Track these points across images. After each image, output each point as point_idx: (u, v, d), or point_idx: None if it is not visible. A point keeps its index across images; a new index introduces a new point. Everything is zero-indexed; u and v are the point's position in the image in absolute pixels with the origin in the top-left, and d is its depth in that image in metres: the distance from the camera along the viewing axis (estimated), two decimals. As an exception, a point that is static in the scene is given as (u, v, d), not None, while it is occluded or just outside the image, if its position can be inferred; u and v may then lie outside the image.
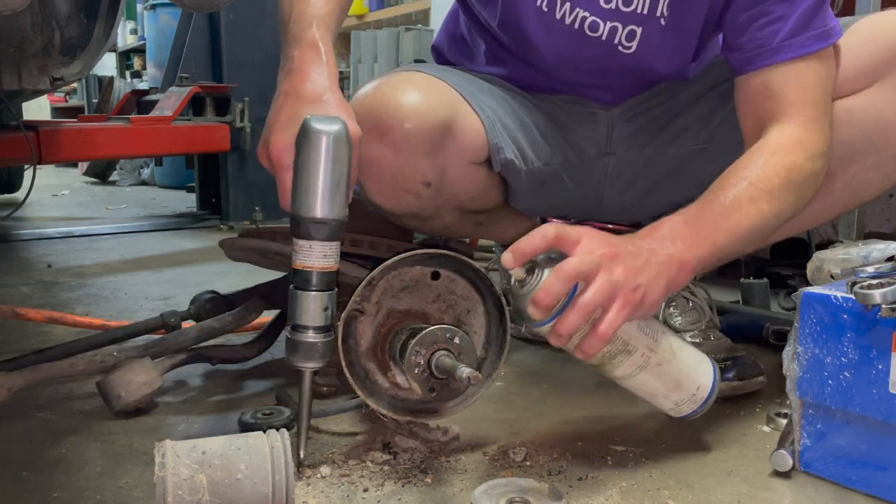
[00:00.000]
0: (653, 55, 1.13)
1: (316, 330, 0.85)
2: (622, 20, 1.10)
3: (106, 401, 1.07)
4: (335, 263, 0.86)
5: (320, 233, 0.83)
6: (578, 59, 1.14)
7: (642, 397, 0.95)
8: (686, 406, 0.94)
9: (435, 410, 0.96)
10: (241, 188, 3.21)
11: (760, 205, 0.94)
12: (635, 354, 0.90)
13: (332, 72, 0.94)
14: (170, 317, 1.36)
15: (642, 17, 1.09)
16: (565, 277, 0.82)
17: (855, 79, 1.07)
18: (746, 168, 0.97)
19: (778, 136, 1.01)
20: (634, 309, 0.84)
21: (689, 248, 0.89)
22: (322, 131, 0.82)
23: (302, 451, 0.88)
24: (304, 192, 0.83)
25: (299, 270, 0.85)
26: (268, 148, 0.90)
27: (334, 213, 0.84)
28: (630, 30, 1.10)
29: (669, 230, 0.91)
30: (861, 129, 1.07)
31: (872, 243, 1.15)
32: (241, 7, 3.06)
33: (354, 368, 0.93)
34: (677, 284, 0.89)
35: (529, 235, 0.84)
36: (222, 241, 1.27)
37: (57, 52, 1.69)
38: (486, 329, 0.98)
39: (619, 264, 0.84)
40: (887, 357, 0.82)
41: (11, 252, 2.60)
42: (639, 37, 1.10)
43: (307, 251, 0.84)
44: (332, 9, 1.00)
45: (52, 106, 7.89)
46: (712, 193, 0.96)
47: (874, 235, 1.99)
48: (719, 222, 0.92)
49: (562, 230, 0.84)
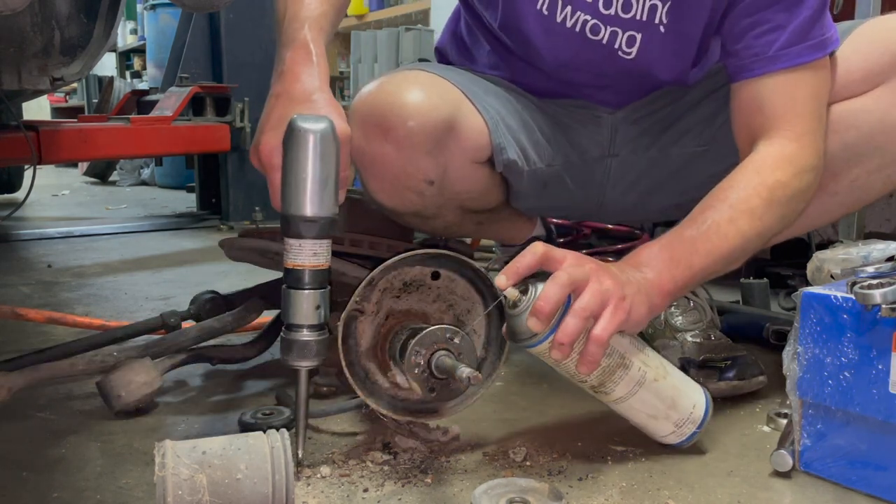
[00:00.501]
0: (653, 61, 1.13)
1: (310, 328, 0.86)
2: (622, 26, 1.10)
3: (106, 401, 1.07)
4: (326, 261, 0.86)
5: (310, 231, 0.84)
6: (579, 61, 1.14)
7: (643, 424, 0.95)
8: (687, 426, 0.94)
9: (435, 410, 0.96)
10: (241, 188, 3.21)
11: (740, 225, 0.96)
12: (632, 369, 0.90)
13: (323, 72, 0.95)
14: (170, 317, 1.36)
15: (641, 23, 1.09)
16: (561, 284, 0.83)
17: (860, 81, 1.07)
18: (728, 189, 0.99)
19: (765, 152, 1.01)
20: (625, 315, 0.86)
21: (665, 272, 0.92)
22: (308, 130, 0.83)
23: (300, 451, 0.88)
24: (293, 191, 0.83)
25: (291, 269, 0.85)
26: (258, 149, 0.91)
27: (323, 211, 0.84)
28: (630, 35, 1.10)
29: (647, 257, 0.94)
30: (865, 132, 1.07)
31: (872, 243, 1.15)
32: (241, 7, 3.07)
33: (354, 368, 0.93)
34: (657, 307, 0.92)
35: (519, 256, 0.86)
36: (222, 241, 1.27)
37: (57, 52, 1.69)
38: (486, 329, 0.98)
39: (607, 275, 0.86)
40: (887, 357, 0.82)
41: (11, 252, 2.60)
42: (639, 43, 1.11)
43: (297, 250, 0.84)
44: (326, 10, 1.00)
45: (52, 106, 7.90)
46: (691, 218, 0.98)
47: (874, 235, 1.99)
48: (697, 245, 0.94)
49: (549, 248, 0.87)
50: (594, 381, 0.91)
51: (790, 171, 0.99)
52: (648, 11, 1.08)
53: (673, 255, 0.94)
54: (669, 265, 0.93)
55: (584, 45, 1.11)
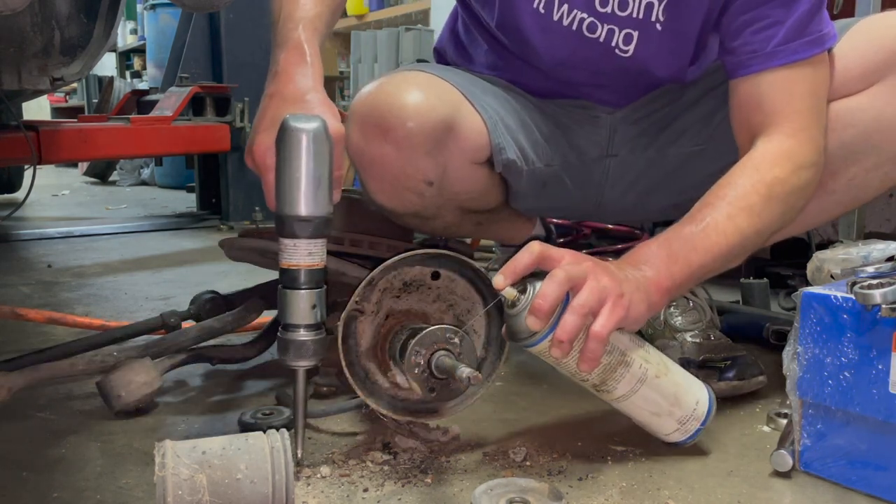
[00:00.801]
0: (650, 58, 1.13)
1: (307, 328, 0.86)
2: (618, 24, 1.10)
3: (106, 401, 1.07)
4: (321, 261, 0.86)
5: (304, 230, 0.83)
6: (576, 59, 1.14)
7: (646, 422, 0.95)
8: (690, 423, 0.94)
9: (435, 410, 0.96)
10: (241, 188, 3.21)
11: (739, 222, 0.96)
12: (634, 366, 0.90)
13: (317, 73, 0.95)
14: (170, 317, 1.36)
15: (638, 21, 1.09)
16: (559, 282, 0.83)
17: (857, 79, 1.07)
18: (727, 186, 0.98)
19: (764, 148, 1.01)
20: (624, 312, 0.85)
21: (663, 269, 0.92)
22: (300, 129, 0.82)
23: (299, 451, 0.88)
24: (287, 191, 0.83)
25: (287, 269, 0.85)
26: (252, 150, 0.90)
27: (318, 211, 0.84)
28: (626, 33, 1.10)
29: (645, 255, 0.93)
30: (861, 129, 1.07)
31: (872, 243, 1.15)
32: (241, 7, 3.06)
33: (354, 368, 0.93)
34: (656, 305, 0.92)
35: (517, 256, 0.86)
36: (222, 241, 1.27)
37: (57, 52, 1.69)
38: (487, 329, 0.98)
39: (605, 273, 0.86)
40: (887, 357, 0.82)
41: (11, 252, 2.60)
42: (635, 41, 1.11)
43: (293, 249, 0.84)
44: (322, 10, 1.00)
45: (52, 106, 7.90)
46: (690, 215, 0.98)
47: (874, 235, 1.99)
48: (695, 243, 0.94)
49: (546, 248, 0.86)
50: (596, 379, 0.90)
51: (788, 167, 0.99)
52: (645, 9, 1.08)
53: (671, 252, 0.93)
54: (668, 263, 0.93)
55: (581, 43, 1.12)
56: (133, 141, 2.77)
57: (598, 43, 1.11)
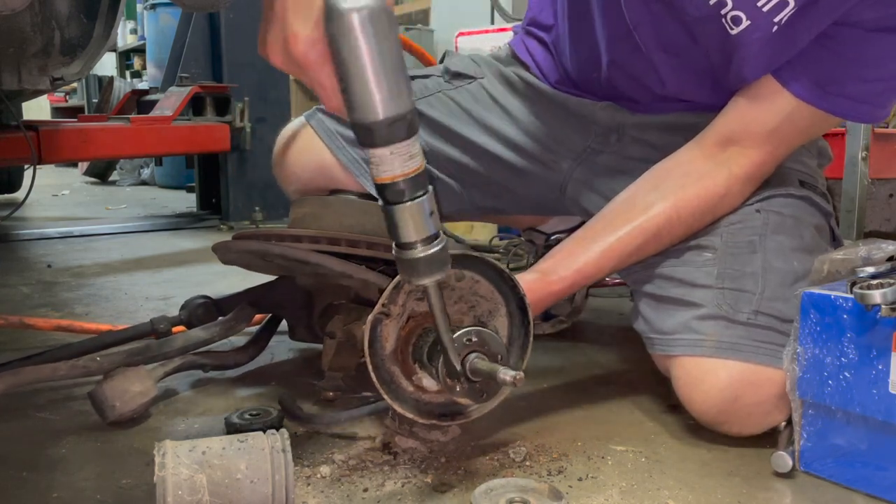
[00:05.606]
0: (748, 50, 1.04)
1: (425, 241, 0.75)
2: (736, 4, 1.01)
3: (99, 411, 1.04)
4: (422, 162, 0.74)
5: (401, 132, 0.71)
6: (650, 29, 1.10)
7: None
8: None
9: (460, 412, 0.95)
10: (241, 188, 3.21)
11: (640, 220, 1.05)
12: None
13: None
14: (160, 322, 1.32)
15: (760, 11, 1.00)
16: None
17: None
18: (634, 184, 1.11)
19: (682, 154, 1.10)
20: None
21: (558, 263, 1.06)
22: (365, 8, 0.68)
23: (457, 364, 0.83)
24: (366, 91, 0.69)
25: (387, 184, 0.73)
26: (288, 45, 0.74)
27: (407, 106, 0.71)
28: (736, 15, 1.02)
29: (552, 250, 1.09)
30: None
31: (872, 243, 1.15)
32: (241, 7, 3.06)
33: (380, 372, 0.91)
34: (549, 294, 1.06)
35: None
36: (215, 245, 1.21)
37: (57, 52, 1.69)
38: (508, 330, 0.97)
39: None
40: (887, 357, 0.82)
41: (11, 252, 2.60)
42: (743, 26, 1.02)
43: (388, 159, 0.72)
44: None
45: (52, 106, 7.90)
46: (597, 215, 1.10)
47: (874, 235, 1.99)
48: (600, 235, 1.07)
49: None
50: None
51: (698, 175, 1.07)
52: (776, 5, 0.99)
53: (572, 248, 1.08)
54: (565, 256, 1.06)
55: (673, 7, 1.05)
56: (133, 141, 2.78)
57: (707, 5, 1.03)
